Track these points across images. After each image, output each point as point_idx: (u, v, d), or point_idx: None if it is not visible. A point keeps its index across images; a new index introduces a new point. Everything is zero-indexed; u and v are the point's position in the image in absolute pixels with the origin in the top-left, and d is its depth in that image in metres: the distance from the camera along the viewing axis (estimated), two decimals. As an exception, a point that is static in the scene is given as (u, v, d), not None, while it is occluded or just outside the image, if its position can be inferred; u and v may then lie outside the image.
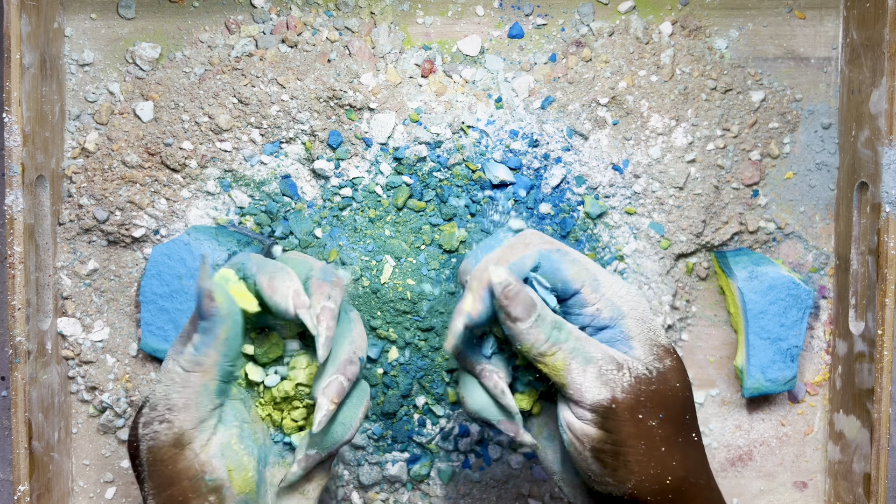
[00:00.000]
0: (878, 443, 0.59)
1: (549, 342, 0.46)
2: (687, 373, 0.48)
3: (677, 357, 0.48)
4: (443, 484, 0.65)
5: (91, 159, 0.63)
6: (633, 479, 0.46)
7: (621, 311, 0.47)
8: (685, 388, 0.47)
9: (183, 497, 0.44)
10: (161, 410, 0.44)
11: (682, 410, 0.47)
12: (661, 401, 0.46)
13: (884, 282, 0.58)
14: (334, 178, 0.63)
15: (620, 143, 0.63)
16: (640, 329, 0.47)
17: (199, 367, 0.44)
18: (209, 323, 0.43)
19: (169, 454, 0.44)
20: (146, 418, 0.44)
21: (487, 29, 0.65)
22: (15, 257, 0.58)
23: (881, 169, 0.58)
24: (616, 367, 0.46)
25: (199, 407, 0.44)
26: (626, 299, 0.48)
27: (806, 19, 0.65)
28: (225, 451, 0.45)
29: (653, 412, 0.46)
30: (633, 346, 0.47)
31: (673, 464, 0.46)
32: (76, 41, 0.64)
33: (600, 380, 0.45)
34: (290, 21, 0.63)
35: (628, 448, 0.46)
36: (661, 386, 0.46)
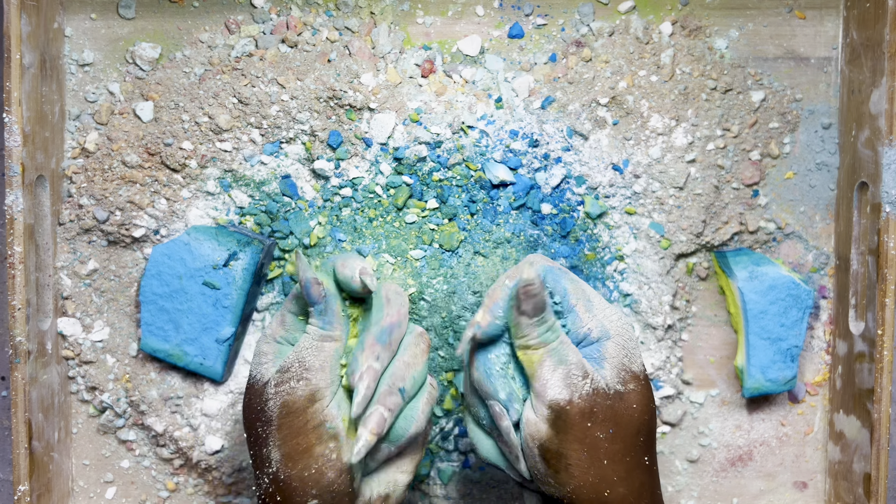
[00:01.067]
0: (879, 443, 0.59)
1: (539, 340, 0.50)
2: (652, 401, 0.51)
3: (645, 385, 0.51)
4: (443, 484, 0.65)
5: (91, 159, 0.63)
6: (572, 484, 0.49)
7: (608, 333, 0.51)
8: (644, 412, 0.50)
9: (308, 444, 0.49)
10: (297, 371, 0.50)
11: (635, 431, 0.50)
12: (614, 416, 0.49)
13: (884, 282, 0.58)
14: (334, 178, 0.63)
15: (620, 143, 0.63)
16: (616, 353, 0.51)
17: (329, 338, 0.50)
18: (323, 304, 0.50)
19: (302, 406, 0.49)
20: (279, 379, 0.50)
21: (487, 29, 0.65)
22: (15, 257, 0.58)
23: (881, 169, 0.58)
24: (582, 375, 0.50)
25: (332, 368, 0.50)
26: (616, 324, 0.52)
27: (806, 19, 0.65)
28: (341, 405, 0.50)
29: (602, 425, 0.49)
30: (603, 366, 0.51)
31: (614, 479, 0.49)
32: (76, 41, 0.64)
33: (565, 381, 0.49)
34: (290, 21, 0.63)
35: (571, 452, 0.49)
36: (616, 403, 0.50)
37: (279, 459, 0.49)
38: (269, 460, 0.50)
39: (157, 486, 0.65)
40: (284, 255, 0.63)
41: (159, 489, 0.65)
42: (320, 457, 0.49)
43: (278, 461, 0.49)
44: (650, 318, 0.63)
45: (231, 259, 0.61)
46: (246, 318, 0.63)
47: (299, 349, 0.50)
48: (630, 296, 0.64)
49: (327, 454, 0.49)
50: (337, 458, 0.49)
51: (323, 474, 0.49)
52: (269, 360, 0.52)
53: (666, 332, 0.64)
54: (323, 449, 0.49)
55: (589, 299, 0.52)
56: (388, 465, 0.53)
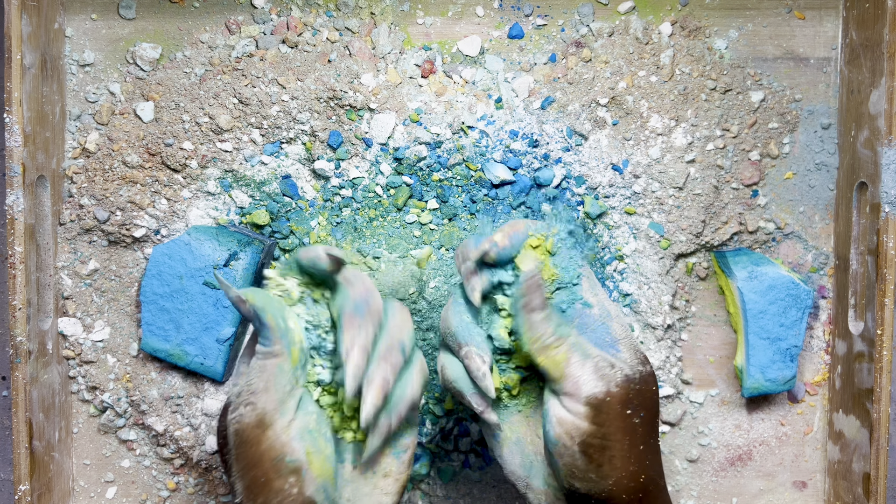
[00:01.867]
0: (878, 442, 0.59)
1: (556, 335, 0.48)
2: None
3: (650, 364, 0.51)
4: (443, 484, 0.65)
5: (92, 159, 0.63)
6: (614, 476, 0.48)
7: (610, 313, 0.50)
8: (657, 394, 0.50)
9: (266, 478, 0.46)
10: (245, 396, 0.47)
11: (656, 413, 0.50)
12: (644, 401, 0.49)
13: (883, 282, 0.58)
14: (334, 178, 0.63)
15: (620, 144, 0.63)
16: (623, 333, 0.50)
17: (270, 355, 0.47)
18: (257, 321, 0.47)
19: (253, 435, 0.46)
20: (233, 405, 0.48)
21: (487, 29, 0.65)
22: (16, 257, 0.58)
23: (880, 169, 0.59)
24: (609, 365, 0.49)
25: (277, 387, 0.47)
26: (614, 305, 0.51)
27: (805, 20, 0.65)
28: (304, 435, 0.47)
29: (637, 410, 0.48)
30: (619, 348, 0.50)
31: (647, 462, 0.49)
32: (77, 41, 0.64)
33: (597, 374, 0.48)
34: (291, 21, 0.64)
35: (615, 442, 0.48)
36: (643, 387, 0.49)
37: (241, 491, 0.47)
38: (234, 490, 0.48)
39: (158, 485, 0.65)
40: (285, 255, 0.63)
41: (160, 489, 0.65)
42: (279, 492, 0.46)
43: (241, 493, 0.47)
44: (650, 317, 0.64)
45: (231, 259, 0.61)
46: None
47: (249, 371, 0.48)
48: (630, 296, 0.64)
49: (287, 489, 0.46)
50: (298, 492, 0.46)
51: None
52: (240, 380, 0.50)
53: (665, 331, 0.64)
54: (282, 484, 0.46)
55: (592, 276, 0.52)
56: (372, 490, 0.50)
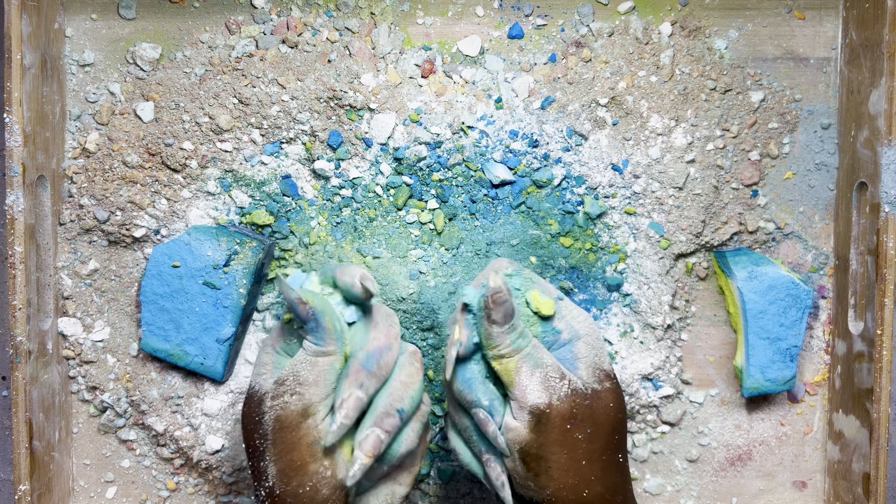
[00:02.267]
0: (878, 442, 0.59)
1: (512, 347, 0.51)
2: (623, 399, 0.53)
3: (616, 382, 0.53)
4: (443, 484, 0.65)
5: (92, 159, 0.63)
6: (551, 486, 0.50)
7: (578, 333, 0.53)
8: (618, 410, 0.52)
9: (302, 461, 0.49)
10: (291, 385, 0.50)
11: (611, 430, 0.51)
12: (592, 416, 0.50)
13: (883, 282, 0.58)
14: (335, 178, 0.63)
15: (620, 144, 0.63)
16: (587, 353, 0.52)
17: (323, 353, 0.50)
18: (314, 322, 0.50)
19: (295, 422, 0.49)
20: (275, 392, 0.50)
21: (487, 29, 0.65)
22: (16, 257, 0.58)
23: (880, 169, 0.59)
24: (559, 377, 0.51)
25: (326, 383, 0.50)
26: (584, 325, 0.53)
27: (805, 20, 0.65)
28: None
29: (581, 426, 0.50)
30: (577, 366, 0.52)
31: (592, 478, 0.50)
32: (77, 42, 0.64)
33: (543, 384, 0.50)
34: (291, 21, 0.64)
35: (551, 454, 0.50)
36: (594, 403, 0.51)
37: (275, 474, 0.49)
38: (265, 474, 0.50)
39: (158, 485, 0.65)
40: (285, 255, 0.63)
41: (160, 489, 0.65)
42: (315, 474, 0.49)
43: (274, 476, 0.49)
44: (650, 317, 0.64)
45: (231, 259, 0.61)
46: (246, 317, 0.63)
47: (295, 363, 0.50)
48: (630, 296, 0.64)
49: (322, 472, 0.49)
50: (332, 475, 0.49)
51: (318, 491, 0.49)
52: (268, 370, 0.52)
53: (665, 331, 0.64)
54: (318, 466, 0.49)
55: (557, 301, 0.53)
56: (386, 479, 0.53)
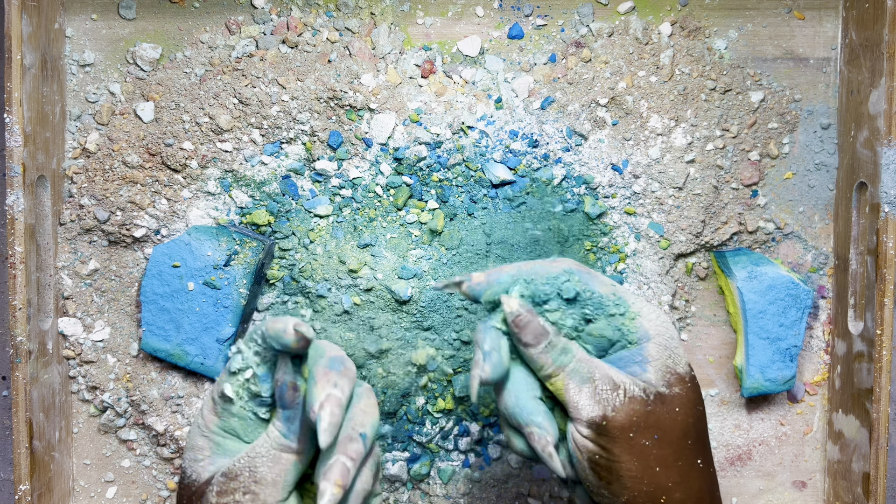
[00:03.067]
0: (877, 442, 0.59)
1: (555, 366, 0.48)
2: (699, 402, 0.49)
3: (691, 387, 0.49)
4: (443, 483, 0.65)
5: (92, 159, 0.63)
6: (626, 494, 0.48)
7: (648, 334, 0.49)
8: (689, 415, 0.48)
9: None
10: (245, 482, 0.44)
11: (681, 434, 0.48)
12: (656, 423, 0.48)
13: (882, 282, 0.58)
14: (335, 178, 0.63)
15: (620, 144, 0.63)
16: (659, 354, 0.49)
17: (289, 448, 0.45)
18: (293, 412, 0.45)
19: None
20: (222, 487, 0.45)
21: (487, 29, 0.65)
22: (16, 257, 0.58)
23: (880, 169, 0.59)
24: (611, 388, 0.48)
25: (284, 485, 0.45)
26: (655, 324, 0.49)
27: (805, 20, 0.65)
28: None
29: (646, 432, 0.47)
30: (647, 368, 0.49)
31: (669, 485, 0.48)
32: (77, 42, 0.64)
33: (594, 398, 0.47)
34: (291, 22, 0.64)
35: (622, 463, 0.47)
36: (657, 408, 0.48)
37: None
38: None
39: (158, 485, 0.66)
40: (284, 255, 0.63)
41: (160, 489, 0.65)
42: None
43: None
44: (650, 317, 0.64)
45: (231, 259, 0.61)
46: (246, 317, 0.63)
47: (253, 455, 0.45)
48: (629, 296, 0.64)
49: None
50: None
51: None
52: (205, 456, 0.47)
53: (665, 331, 0.64)
54: None
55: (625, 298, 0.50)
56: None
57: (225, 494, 0.44)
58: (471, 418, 0.64)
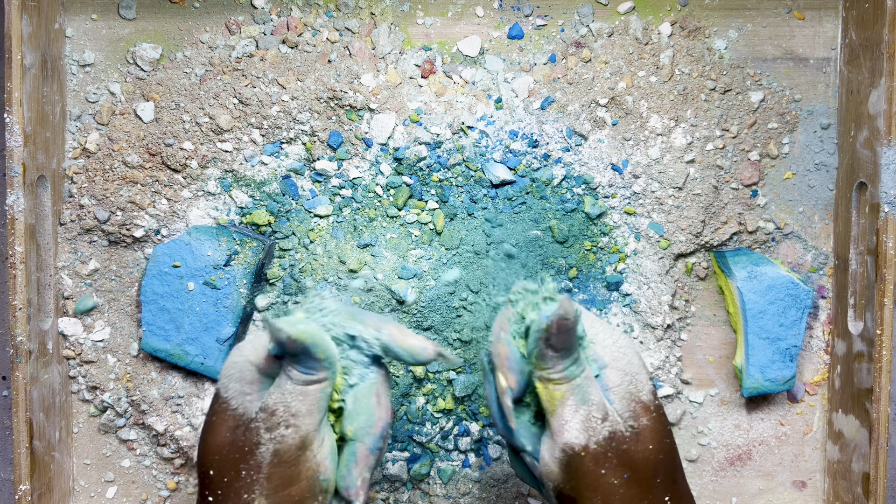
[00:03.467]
0: (877, 442, 0.59)
1: (563, 374, 0.47)
2: (668, 432, 0.48)
3: (658, 416, 0.48)
4: (443, 483, 0.65)
5: (92, 159, 0.63)
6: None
7: (603, 360, 0.48)
8: (660, 451, 0.47)
9: (300, 496, 0.47)
10: (283, 416, 0.46)
11: (651, 473, 0.47)
12: (629, 461, 0.46)
13: (882, 282, 0.58)
14: (335, 178, 0.63)
15: (620, 144, 0.63)
16: (620, 381, 0.47)
17: (313, 381, 0.47)
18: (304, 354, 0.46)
19: (294, 455, 0.46)
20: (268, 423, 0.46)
21: (487, 30, 0.65)
22: (16, 257, 0.58)
23: (880, 169, 0.59)
24: (602, 417, 0.46)
25: (319, 410, 0.47)
26: (611, 349, 0.48)
27: (805, 20, 0.65)
28: (332, 454, 0.48)
29: (617, 471, 0.46)
30: (611, 398, 0.47)
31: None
32: (77, 42, 0.64)
33: (584, 424, 0.46)
34: (291, 22, 0.64)
35: (585, 498, 0.46)
36: (632, 446, 0.46)
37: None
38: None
39: (158, 485, 0.66)
40: (285, 255, 0.63)
41: (160, 488, 0.66)
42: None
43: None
44: (649, 317, 0.64)
45: (231, 259, 0.61)
46: (246, 317, 0.63)
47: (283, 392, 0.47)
48: (630, 296, 0.64)
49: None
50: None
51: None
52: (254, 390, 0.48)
53: (665, 331, 0.64)
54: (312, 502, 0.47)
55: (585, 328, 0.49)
56: None
57: (272, 430, 0.46)
58: (471, 418, 0.64)
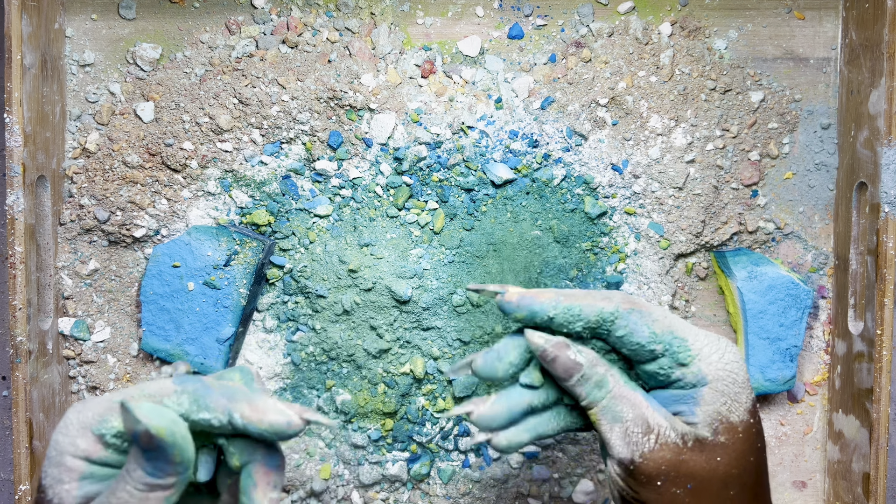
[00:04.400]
0: (878, 442, 0.59)
1: (588, 399, 0.46)
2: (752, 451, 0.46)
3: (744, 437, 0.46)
4: (443, 483, 0.65)
5: (92, 159, 0.63)
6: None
7: (705, 379, 0.46)
8: (733, 465, 0.45)
9: None
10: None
11: (721, 486, 0.45)
12: (689, 472, 0.45)
13: (883, 282, 0.58)
14: (335, 178, 0.63)
15: (620, 144, 0.63)
16: (713, 400, 0.46)
17: (158, 486, 0.40)
18: (157, 452, 0.40)
19: None
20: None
21: (487, 29, 0.65)
22: (16, 257, 0.58)
23: (880, 169, 0.59)
24: (643, 431, 0.45)
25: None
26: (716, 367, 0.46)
27: (805, 20, 0.65)
28: None
29: (677, 481, 0.45)
30: (695, 412, 0.46)
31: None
32: (77, 42, 0.64)
33: (624, 440, 0.45)
34: (291, 22, 0.64)
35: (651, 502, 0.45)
36: (693, 456, 0.45)
37: None
38: None
39: (158, 485, 0.65)
40: (285, 255, 0.63)
41: (160, 489, 0.65)
42: None
43: None
44: (650, 317, 0.64)
45: (231, 259, 0.61)
46: (246, 318, 0.63)
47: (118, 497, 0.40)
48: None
49: None
50: None
51: None
52: (72, 479, 0.41)
53: (665, 331, 0.64)
54: None
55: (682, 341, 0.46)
56: None
57: None
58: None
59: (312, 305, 0.63)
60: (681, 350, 0.46)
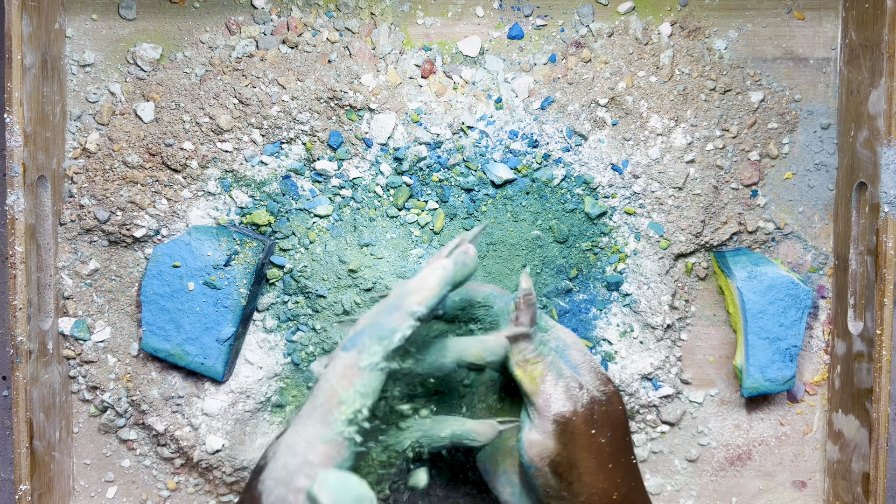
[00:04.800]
0: (877, 442, 0.59)
1: (536, 351, 0.52)
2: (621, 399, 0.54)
3: (615, 385, 0.55)
4: (443, 484, 0.65)
5: (92, 159, 0.63)
6: (585, 493, 0.51)
7: (566, 342, 0.54)
8: (625, 412, 0.54)
9: None
10: None
11: (624, 432, 0.53)
12: (610, 420, 0.52)
13: (882, 281, 0.58)
14: (335, 178, 0.63)
15: (620, 144, 0.63)
16: (582, 358, 0.54)
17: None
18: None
19: None
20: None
21: (487, 30, 0.65)
22: (16, 257, 0.58)
23: (880, 169, 0.59)
24: (578, 386, 0.52)
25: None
26: (567, 334, 0.55)
27: (805, 20, 0.65)
28: None
29: (602, 430, 0.52)
30: (580, 372, 0.53)
31: (618, 480, 0.52)
32: (77, 42, 0.64)
33: (567, 394, 0.51)
34: (291, 22, 0.64)
35: (582, 460, 0.51)
36: (608, 407, 0.53)
37: None
38: None
39: (158, 485, 0.66)
40: (285, 255, 0.63)
41: (160, 488, 0.66)
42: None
43: None
44: (649, 317, 0.64)
45: (231, 259, 0.61)
46: (246, 317, 0.63)
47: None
48: (629, 296, 0.64)
49: None
50: None
51: None
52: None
53: (665, 331, 0.64)
54: None
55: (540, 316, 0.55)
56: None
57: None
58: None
59: (312, 305, 0.63)
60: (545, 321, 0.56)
